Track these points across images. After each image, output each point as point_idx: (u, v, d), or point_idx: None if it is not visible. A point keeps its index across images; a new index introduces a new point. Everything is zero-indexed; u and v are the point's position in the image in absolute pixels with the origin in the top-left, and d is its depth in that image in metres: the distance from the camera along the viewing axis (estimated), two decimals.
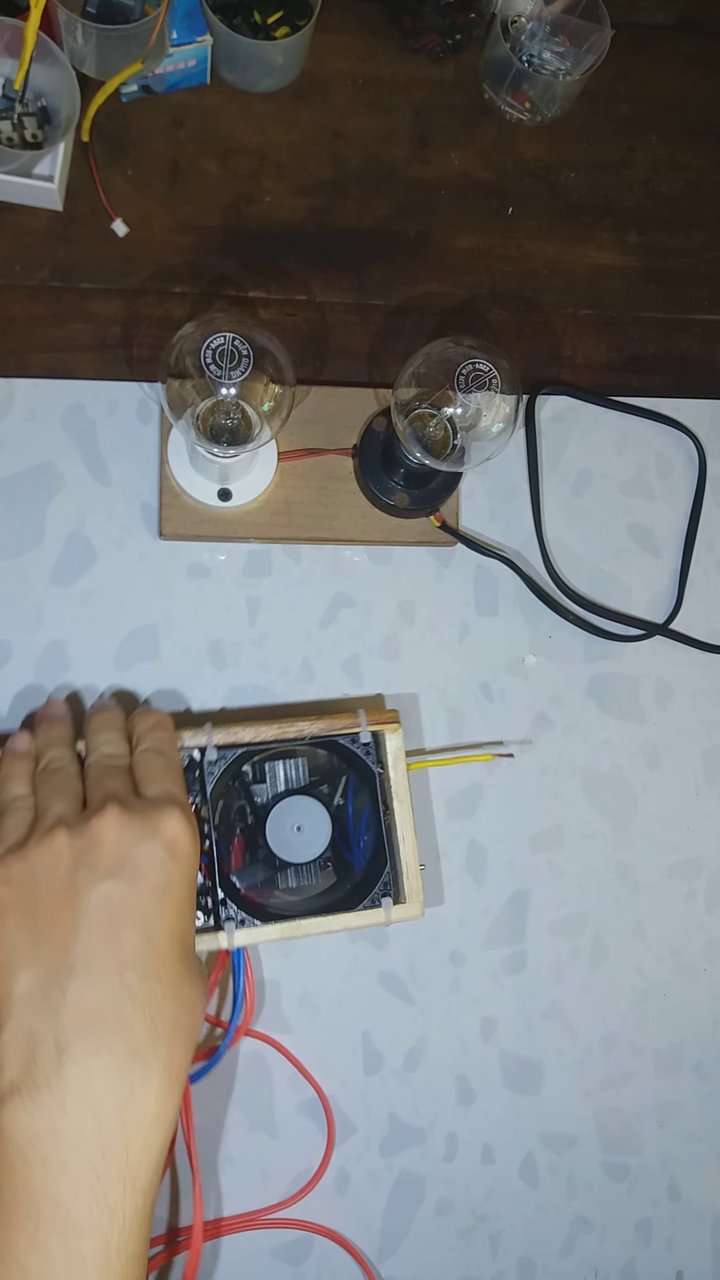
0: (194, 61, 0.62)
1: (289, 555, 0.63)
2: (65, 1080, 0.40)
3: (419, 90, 0.68)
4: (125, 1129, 0.40)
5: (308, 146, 0.66)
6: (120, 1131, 0.40)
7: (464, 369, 0.52)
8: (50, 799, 0.47)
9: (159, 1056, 0.42)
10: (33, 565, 0.59)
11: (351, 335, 0.65)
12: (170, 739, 0.51)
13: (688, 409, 0.68)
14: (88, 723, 0.52)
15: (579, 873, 0.64)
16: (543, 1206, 0.63)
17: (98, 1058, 0.40)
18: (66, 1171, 0.39)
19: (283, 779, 0.56)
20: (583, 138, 0.69)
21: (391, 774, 0.56)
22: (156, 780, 0.48)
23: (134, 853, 0.44)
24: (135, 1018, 0.41)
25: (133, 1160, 0.40)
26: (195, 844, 0.46)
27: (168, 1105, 0.42)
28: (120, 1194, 0.40)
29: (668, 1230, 0.64)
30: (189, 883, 0.46)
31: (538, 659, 0.65)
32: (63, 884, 0.43)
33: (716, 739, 0.67)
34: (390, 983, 0.61)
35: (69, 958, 0.42)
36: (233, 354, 0.50)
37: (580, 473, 0.67)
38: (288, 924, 0.53)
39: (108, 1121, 0.40)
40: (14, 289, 0.61)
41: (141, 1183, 0.41)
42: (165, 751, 0.50)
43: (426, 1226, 0.61)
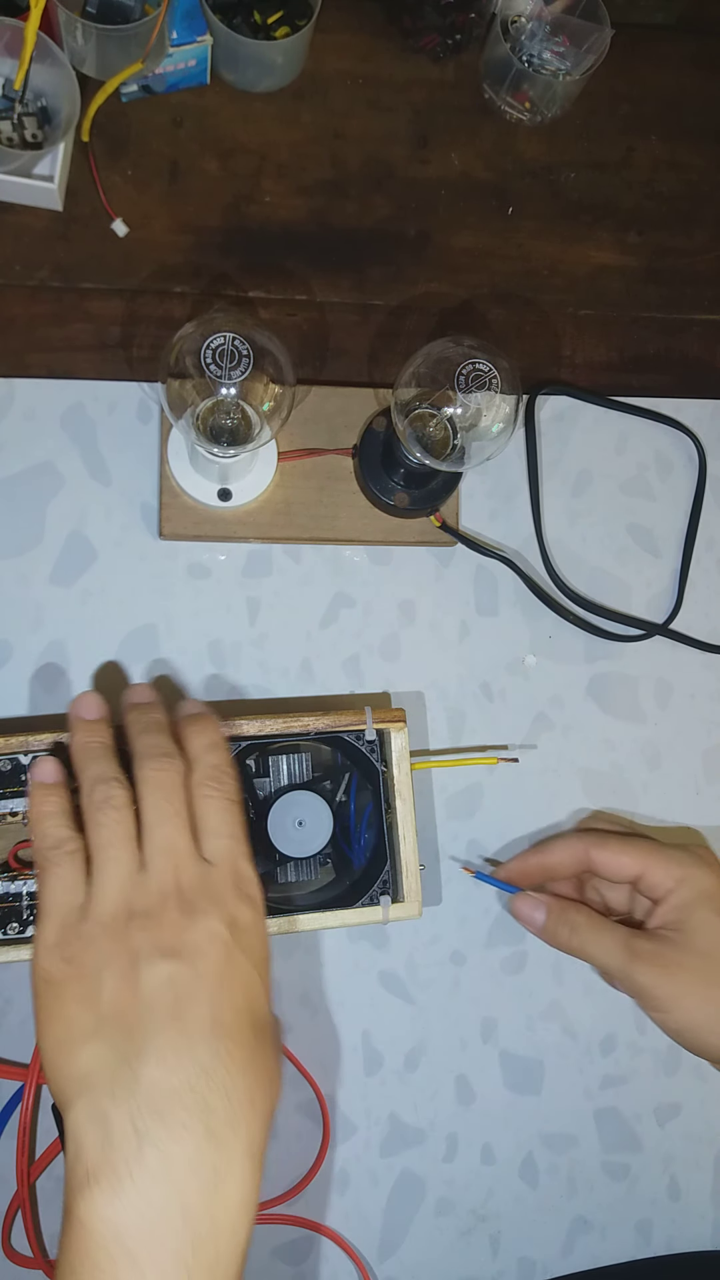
0: (194, 61, 0.62)
1: (289, 555, 0.63)
2: (147, 1167, 0.37)
3: (419, 90, 0.68)
4: (214, 1219, 0.38)
5: (308, 146, 0.66)
6: (209, 1222, 0.38)
7: (464, 369, 0.52)
8: (103, 859, 0.44)
9: (240, 1138, 0.39)
10: (33, 565, 0.59)
11: (351, 335, 0.66)
12: (228, 763, 0.48)
13: (688, 409, 0.68)
14: (129, 723, 0.48)
15: None
16: (543, 1206, 0.63)
17: (178, 1142, 0.38)
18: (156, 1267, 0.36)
19: (286, 773, 0.57)
20: (583, 138, 0.69)
21: (395, 772, 0.56)
22: (215, 833, 0.45)
23: (194, 933, 0.42)
24: (212, 1098, 0.39)
25: (223, 1252, 0.38)
26: (258, 911, 0.44)
27: (252, 1189, 0.40)
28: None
29: (668, 1230, 0.64)
30: (253, 952, 0.43)
31: (538, 659, 0.65)
32: (124, 965, 0.41)
33: (716, 739, 0.67)
34: (390, 982, 0.61)
35: (136, 1038, 0.39)
36: (233, 354, 0.50)
37: (580, 473, 0.67)
38: (285, 918, 0.54)
39: (195, 1212, 0.37)
40: (14, 289, 0.61)
41: (230, 1273, 0.38)
42: (224, 785, 0.47)
43: (426, 1226, 0.61)
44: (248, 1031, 0.41)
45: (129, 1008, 0.40)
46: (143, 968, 0.41)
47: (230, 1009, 0.41)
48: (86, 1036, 0.40)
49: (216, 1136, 0.39)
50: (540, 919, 0.56)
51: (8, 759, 0.53)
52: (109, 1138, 0.38)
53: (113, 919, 0.42)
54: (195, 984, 0.41)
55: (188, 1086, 0.39)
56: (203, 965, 0.41)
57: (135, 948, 0.41)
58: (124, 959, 0.41)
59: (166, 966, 0.41)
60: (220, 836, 0.45)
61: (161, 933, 0.42)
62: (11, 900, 0.53)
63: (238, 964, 0.42)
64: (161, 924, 0.42)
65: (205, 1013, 0.40)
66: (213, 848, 0.45)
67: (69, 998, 0.41)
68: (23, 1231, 0.55)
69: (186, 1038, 0.40)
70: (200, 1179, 0.38)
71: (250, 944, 0.43)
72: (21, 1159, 0.54)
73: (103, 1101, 0.38)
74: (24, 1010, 0.57)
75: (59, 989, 0.42)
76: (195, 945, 0.42)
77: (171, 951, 0.41)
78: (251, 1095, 0.40)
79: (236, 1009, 0.41)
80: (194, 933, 0.42)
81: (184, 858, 0.44)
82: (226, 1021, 0.41)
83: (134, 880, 0.43)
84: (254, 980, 0.43)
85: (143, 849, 0.44)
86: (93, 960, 0.41)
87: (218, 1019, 0.41)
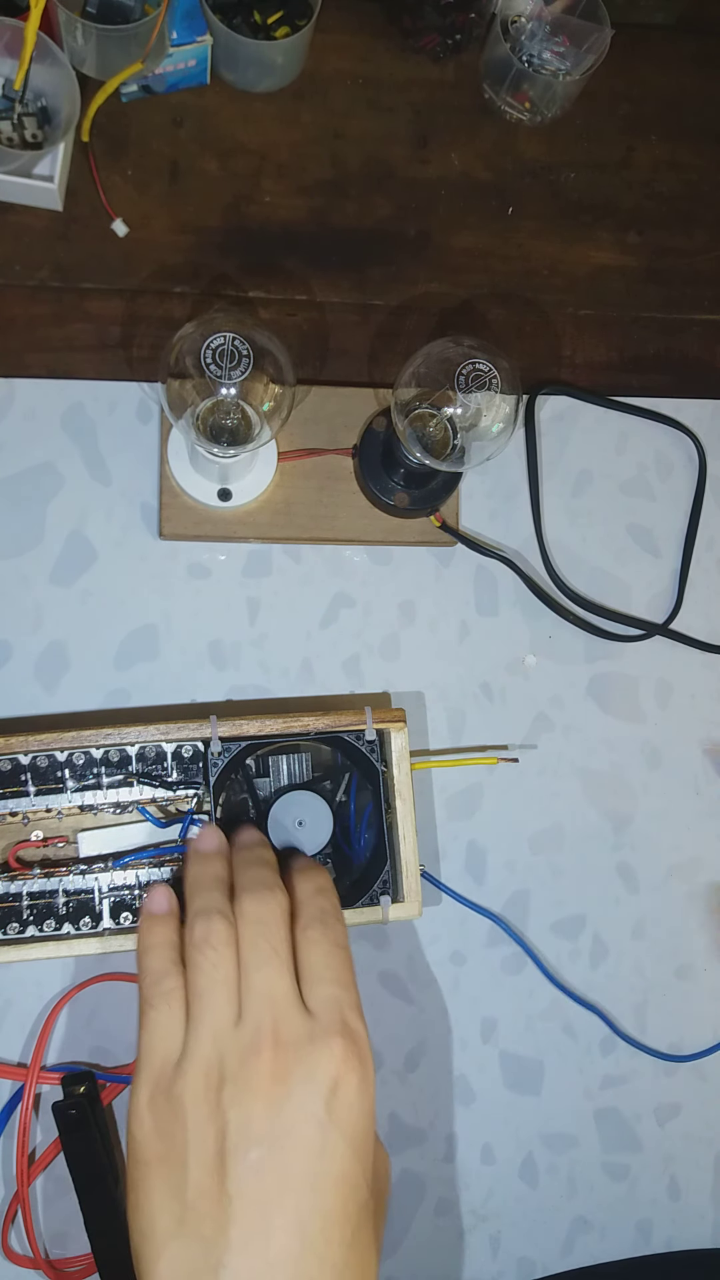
0: (194, 61, 0.62)
1: (289, 555, 0.63)
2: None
3: (419, 90, 0.68)
4: None
5: (308, 146, 0.66)
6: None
7: (464, 369, 0.52)
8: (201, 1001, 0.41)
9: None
10: (33, 565, 0.59)
11: (351, 335, 0.66)
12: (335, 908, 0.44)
13: (688, 409, 0.68)
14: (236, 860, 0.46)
15: (579, 873, 0.64)
16: (543, 1206, 0.63)
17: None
18: None
19: (286, 773, 0.57)
20: (583, 138, 0.69)
21: (395, 772, 0.56)
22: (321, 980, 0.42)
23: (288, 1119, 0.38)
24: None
25: None
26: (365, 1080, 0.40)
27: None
28: None
29: (668, 1230, 0.64)
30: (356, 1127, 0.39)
31: (538, 659, 0.65)
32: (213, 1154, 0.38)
33: (716, 739, 0.67)
34: (390, 983, 0.61)
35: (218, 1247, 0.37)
36: (233, 354, 0.50)
37: (580, 473, 0.67)
38: None
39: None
40: (14, 289, 0.61)
41: None
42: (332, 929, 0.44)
43: (426, 1226, 0.61)
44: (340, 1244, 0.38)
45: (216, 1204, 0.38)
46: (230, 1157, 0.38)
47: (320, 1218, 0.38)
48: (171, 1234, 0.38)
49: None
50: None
51: (8, 759, 0.53)
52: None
53: (205, 1084, 0.40)
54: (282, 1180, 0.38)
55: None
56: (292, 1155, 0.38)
57: (224, 1126, 0.39)
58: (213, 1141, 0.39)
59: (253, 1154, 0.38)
60: (327, 984, 0.42)
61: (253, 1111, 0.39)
62: (11, 900, 0.53)
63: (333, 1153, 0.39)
64: (255, 1094, 0.39)
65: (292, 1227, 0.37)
66: (318, 996, 0.42)
67: (157, 1179, 0.39)
68: (22, 1231, 0.55)
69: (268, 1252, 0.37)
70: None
71: (352, 1123, 0.39)
72: (21, 1159, 0.54)
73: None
74: (24, 1010, 0.57)
75: (148, 1169, 0.39)
76: (285, 1126, 0.38)
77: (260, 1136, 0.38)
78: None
79: (328, 1217, 0.38)
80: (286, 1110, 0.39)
81: (284, 1007, 0.41)
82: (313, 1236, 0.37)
83: (230, 1034, 0.40)
84: (351, 1170, 0.39)
85: (241, 992, 0.41)
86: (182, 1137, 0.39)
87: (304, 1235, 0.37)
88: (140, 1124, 0.40)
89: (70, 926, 0.53)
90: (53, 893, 0.53)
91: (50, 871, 0.53)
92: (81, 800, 0.53)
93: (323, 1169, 0.38)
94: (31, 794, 0.53)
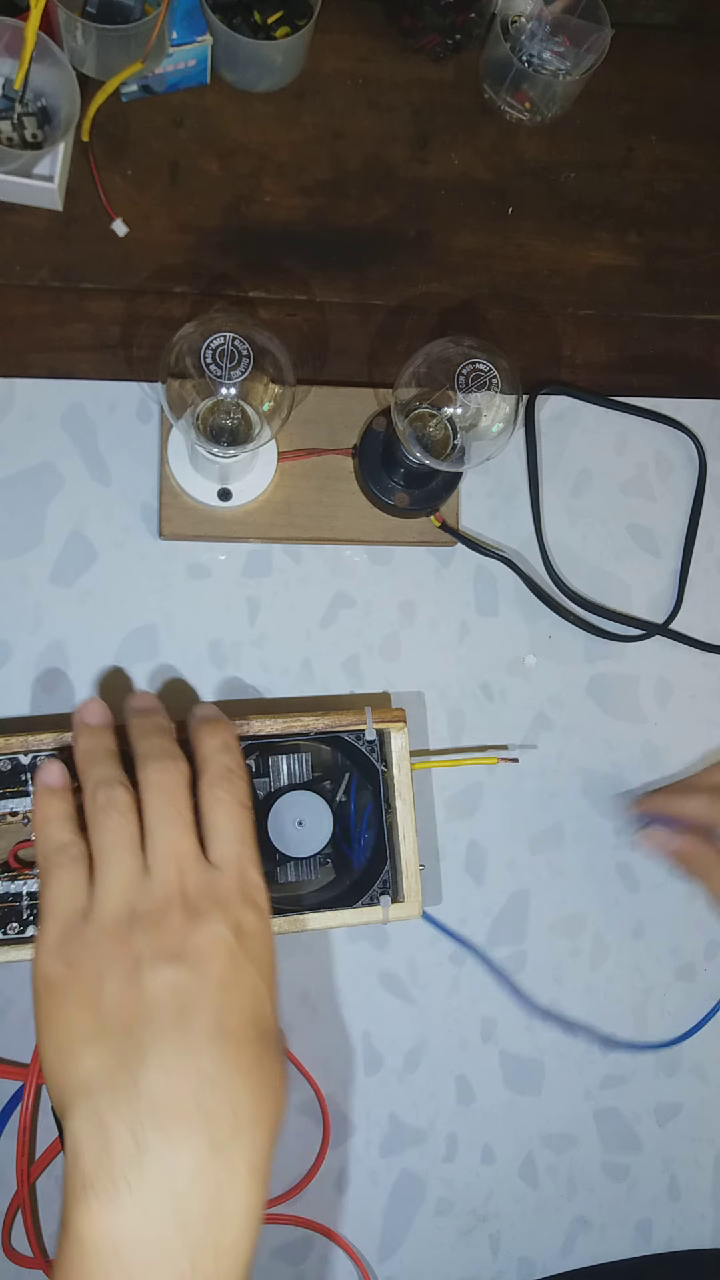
0: (194, 61, 0.62)
1: (289, 555, 0.63)
2: (146, 1178, 0.36)
3: (419, 90, 0.68)
4: (214, 1234, 0.36)
5: (308, 146, 0.66)
6: (209, 1238, 0.36)
7: (464, 369, 0.52)
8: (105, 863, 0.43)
9: (244, 1151, 0.38)
10: (33, 565, 0.59)
11: (351, 335, 0.65)
12: (238, 764, 0.47)
13: (688, 409, 0.68)
14: (131, 728, 0.48)
15: (579, 873, 0.64)
16: (543, 1206, 0.63)
17: (179, 1153, 0.37)
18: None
19: (286, 773, 0.57)
20: (583, 138, 0.69)
21: (395, 772, 0.56)
22: (222, 837, 0.44)
23: (198, 938, 0.41)
24: (214, 1108, 0.38)
25: (224, 1269, 0.36)
26: (264, 917, 0.43)
27: (256, 1207, 0.38)
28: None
29: (668, 1230, 0.64)
30: (259, 960, 0.42)
31: (538, 659, 0.65)
32: (126, 968, 0.40)
33: (716, 739, 0.67)
34: (390, 982, 0.61)
35: (137, 1043, 0.38)
36: (233, 354, 0.50)
37: (580, 473, 0.67)
38: (285, 918, 0.54)
39: (195, 1227, 0.36)
40: (14, 289, 0.61)
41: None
42: (233, 786, 0.46)
43: (426, 1226, 0.61)
44: (253, 1040, 0.40)
45: (131, 1013, 0.39)
46: (145, 972, 0.40)
47: (235, 1016, 0.40)
48: (87, 1041, 0.39)
49: (220, 1149, 0.37)
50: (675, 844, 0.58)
51: (8, 759, 0.53)
52: (107, 1147, 0.36)
53: (115, 922, 0.41)
54: (199, 990, 0.40)
55: (191, 1096, 0.38)
56: (207, 971, 0.40)
57: (138, 952, 0.40)
58: (126, 962, 0.40)
59: (170, 971, 0.40)
60: (227, 841, 0.44)
61: (165, 937, 0.41)
62: (11, 900, 0.53)
63: (243, 970, 0.41)
64: (165, 928, 0.41)
65: (209, 1020, 0.39)
66: (219, 852, 0.44)
67: (70, 1001, 0.40)
68: (23, 1231, 0.55)
69: (190, 1045, 0.39)
70: (202, 1193, 0.37)
71: (256, 951, 0.42)
72: (21, 1159, 0.54)
73: (102, 1109, 0.37)
74: (24, 1010, 0.57)
75: (60, 992, 0.41)
76: (199, 950, 0.41)
77: (175, 956, 0.40)
78: (256, 1106, 0.39)
79: (242, 1017, 0.40)
80: (198, 937, 0.41)
81: (189, 861, 0.43)
82: (231, 1029, 0.40)
83: (137, 884, 0.42)
84: (259, 988, 0.42)
85: (146, 853, 0.43)
86: (94, 964, 0.40)
87: (222, 1026, 0.39)
88: (50, 960, 0.42)
89: None
90: None
91: None
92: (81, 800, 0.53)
93: (236, 981, 0.41)
94: (32, 794, 0.53)
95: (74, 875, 0.43)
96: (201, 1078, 0.38)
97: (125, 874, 0.42)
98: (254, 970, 0.42)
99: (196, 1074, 0.38)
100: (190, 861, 0.43)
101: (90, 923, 0.42)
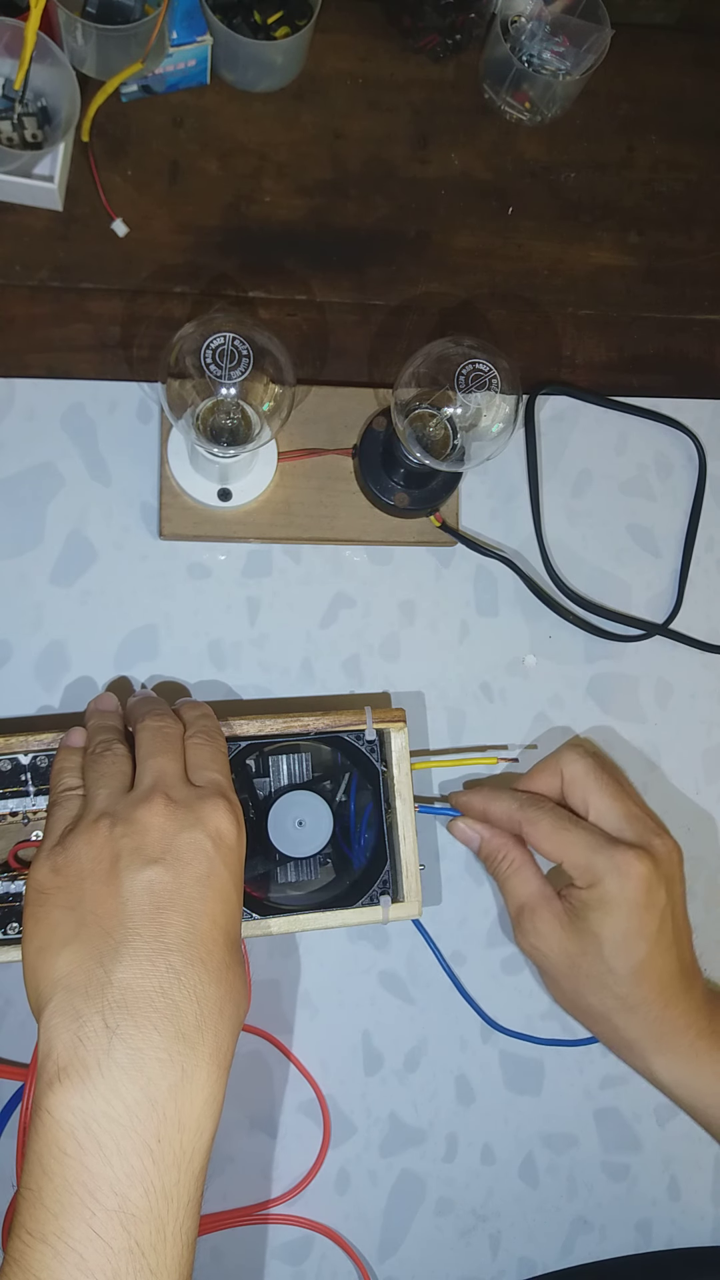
0: (194, 61, 0.62)
1: (289, 555, 0.63)
2: (115, 1061, 0.39)
3: (419, 90, 0.68)
4: (180, 1113, 0.40)
5: (308, 146, 0.66)
6: (175, 1115, 0.39)
7: (464, 369, 0.52)
8: (96, 785, 0.47)
9: (207, 1041, 0.41)
10: (33, 565, 0.59)
11: (351, 335, 0.66)
12: (217, 727, 0.52)
13: (688, 409, 0.68)
14: (131, 707, 0.52)
15: None
16: (543, 1206, 0.63)
17: (147, 1039, 0.40)
18: (123, 1156, 0.38)
19: (286, 773, 0.57)
20: (583, 138, 0.69)
21: (395, 772, 0.56)
22: (204, 768, 0.48)
23: (178, 841, 0.44)
24: (182, 1001, 0.41)
25: (187, 1145, 0.40)
26: (240, 835, 0.46)
27: (217, 1091, 0.41)
28: (175, 1180, 0.39)
29: (668, 1230, 0.64)
30: (233, 872, 0.45)
31: (538, 659, 0.65)
32: (106, 871, 0.43)
33: (716, 739, 0.67)
34: (390, 982, 0.61)
35: (113, 940, 0.41)
36: (233, 354, 0.50)
37: (580, 473, 0.67)
38: (285, 918, 0.54)
39: (162, 1105, 0.39)
40: (14, 289, 0.61)
41: (194, 1168, 0.40)
42: (214, 739, 0.50)
43: (426, 1226, 0.61)
44: (221, 943, 0.43)
45: (109, 911, 0.42)
46: (124, 873, 0.42)
47: (208, 919, 0.43)
48: (66, 941, 0.42)
49: (185, 1038, 0.40)
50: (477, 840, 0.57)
51: (8, 759, 0.53)
52: (80, 1034, 0.39)
53: (97, 833, 0.44)
54: (175, 891, 0.43)
55: (159, 989, 0.40)
56: (184, 873, 0.43)
57: (118, 852, 0.43)
58: (106, 863, 0.43)
59: (148, 872, 0.42)
60: (208, 770, 0.48)
61: (146, 839, 0.43)
62: (12, 900, 0.53)
63: (218, 876, 0.44)
64: (146, 831, 0.44)
65: (182, 920, 0.42)
66: (201, 778, 0.47)
67: (54, 904, 0.43)
68: None
69: (162, 942, 0.41)
70: (168, 1076, 0.39)
71: (231, 861, 0.45)
72: (21, 1159, 0.54)
73: (76, 1000, 0.40)
74: (24, 1010, 0.57)
75: (46, 897, 0.43)
76: (178, 853, 0.43)
77: (154, 858, 0.43)
78: (221, 1004, 0.42)
79: (214, 920, 0.43)
80: (178, 841, 0.44)
81: (173, 780, 0.46)
82: (203, 930, 0.42)
83: (123, 796, 0.46)
84: (231, 895, 0.45)
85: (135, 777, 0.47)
86: (78, 867, 0.43)
87: (194, 927, 0.42)
88: (40, 869, 0.45)
89: None
90: None
91: None
92: None
93: (211, 885, 0.44)
94: (31, 794, 0.53)
95: (71, 810, 0.47)
96: (171, 973, 0.41)
97: (112, 788, 0.46)
98: (228, 877, 0.45)
99: (166, 969, 0.41)
100: (174, 780, 0.47)
101: (76, 832, 0.45)
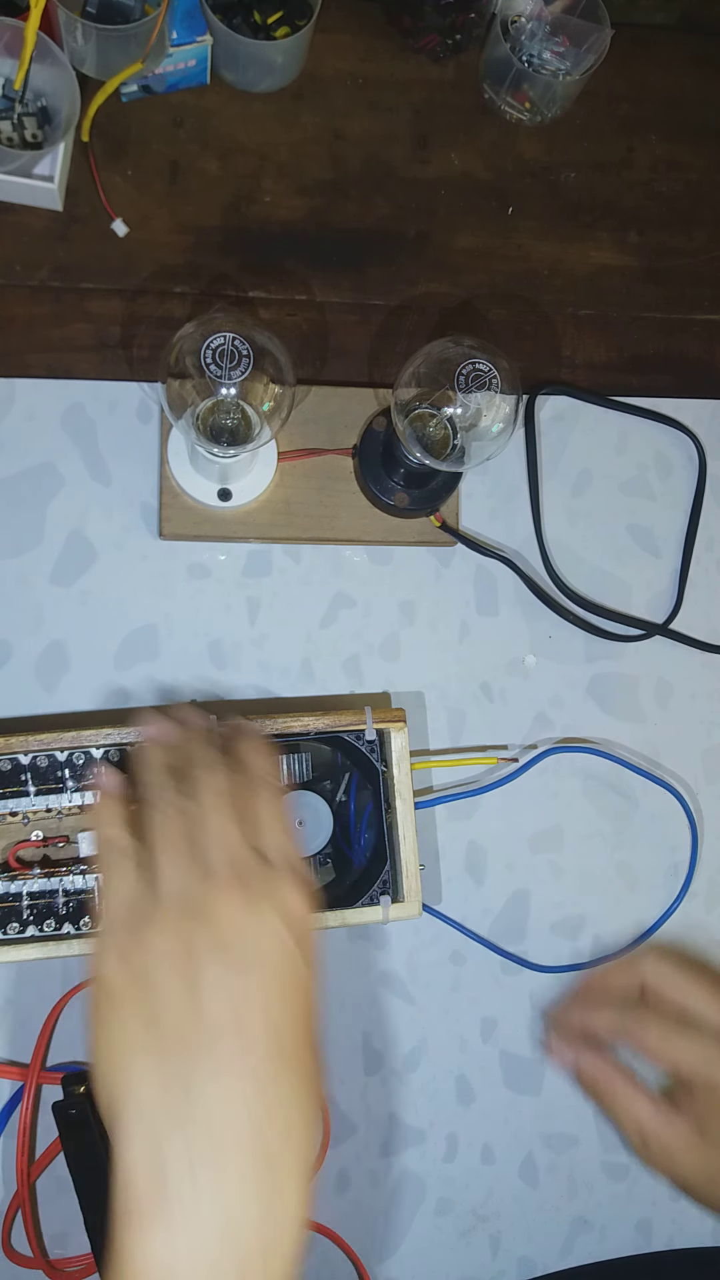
0: (194, 61, 0.62)
1: (289, 555, 0.63)
2: (199, 1196, 0.36)
3: (419, 90, 0.68)
4: (264, 1247, 0.36)
5: (308, 146, 0.66)
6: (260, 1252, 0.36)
7: (464, 369, 0.52)
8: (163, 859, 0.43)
9: (294, 1156, 0.38)
10: (33, 565, 0.59)
11: (351, 335, 0.66)
12: (275, 769, 0.47)
13: (688, 409, 0.68)
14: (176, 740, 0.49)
15: (579, 873, 0.64)
16: (543, 1206, 0.63)
17: (232, 1167, 0.36)
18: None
19: (286, 773, 0.57)
20: (583, 138, 0.69)
21: (395, 772, 0.56)
22: (269, 828, 0.44)
23: (254, 935, 0.40)
24: (267, 1120, 0.37)
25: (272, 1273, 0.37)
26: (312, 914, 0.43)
27: (304, 1210, 0.38)
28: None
29: (668, 1230, 0.64)
30: (309, 958, 0.42)
31: (538, 659, 0.65)
32: (181, 971, 0.39)
33: (716, 739, 0.67)
34: (390, 982, 0.61)
35: (191, 1053, 0.38)
36: (233, 354, 0.50)
37: (580, 473, 0.67)
38: None
39: (246, 1242, 0.36)
40: (14, 289, 0.61)
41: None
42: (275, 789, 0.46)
43: (426, 1226, 0.61)
44: (304, 1045, 0.40)
45: (185, 1017, 0.39)
46: (200, 973, 0.39)
47: (290, 1020, 0.40)
48: (138, 1046, 0.38)
49: (271, 1158, 0.37)
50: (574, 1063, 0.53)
51: (8, 759, 0.53)
52: (162, 1167, 0.36)
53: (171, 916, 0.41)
54: (255, 991, 0.39)
55: (243, 1105, 0.37)
56: (263, 972, 0.40)
57: (191, 947, 0.40)
58: (181, 961, 0.39)
59: (225, 970, 0.39)
60: (273, 833, 0.44)
61: (220, 931, 0.40)
62: (12, 900, 0.53)
63: (297, 967, 0.41)
64: (221, 931, 0.40)
65: (264, 1028, 0.39)
66: (266, 842, 0.44)
67: (124, 1002, 0.40)
68: (22, 1231, 0.55)
69: (244, 1052, 0.38)
70: (253, 1206, 0.37)
71: (307, 947, 0.42)
72: (21, 1159, 0.54)
73: (155, 1122, 0.37)
74: (24, 1010, 0.57)
75: (115, 995, 0.40)
76: (256, 948, 0.40)
77: (230, 959, 0.40)
78: (306, 1116, 0.39)
79: (295, 1020, 0.40)
80: (254, 932, 0.40)
81: (238, 848, 0.43)
82: (285, 1035, 0.39)
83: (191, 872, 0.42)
84: (310, 985, 0.41)
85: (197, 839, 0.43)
86: (148, 966, 0.40)
87: (276, 1033, 0.39)
88: (105, 961, 0.41)
89: (70, 926, 0.53)
90: (53, 893, 0.53)
91: (50, 871, 0.53)
92: (81, 800, 0.53)
93: (288, 976, 0.40)
94: (31, 794, 0.53)
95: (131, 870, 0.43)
96: (256, 1088, 0.38)
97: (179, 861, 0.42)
98: (305, 966, 0.41)
99: (252, 1082, 0.38)
100: (241, 848, 0.43)
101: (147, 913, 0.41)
